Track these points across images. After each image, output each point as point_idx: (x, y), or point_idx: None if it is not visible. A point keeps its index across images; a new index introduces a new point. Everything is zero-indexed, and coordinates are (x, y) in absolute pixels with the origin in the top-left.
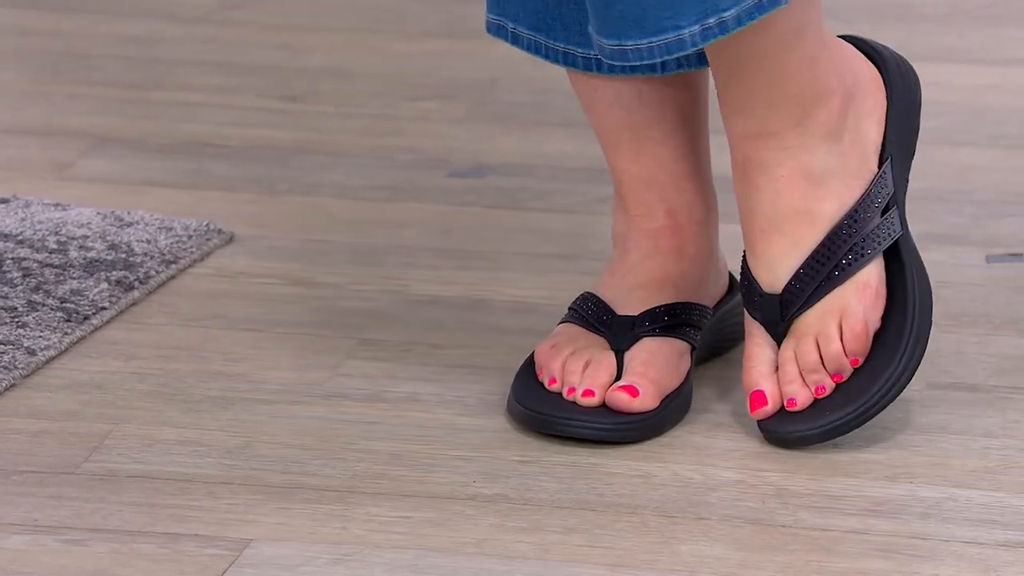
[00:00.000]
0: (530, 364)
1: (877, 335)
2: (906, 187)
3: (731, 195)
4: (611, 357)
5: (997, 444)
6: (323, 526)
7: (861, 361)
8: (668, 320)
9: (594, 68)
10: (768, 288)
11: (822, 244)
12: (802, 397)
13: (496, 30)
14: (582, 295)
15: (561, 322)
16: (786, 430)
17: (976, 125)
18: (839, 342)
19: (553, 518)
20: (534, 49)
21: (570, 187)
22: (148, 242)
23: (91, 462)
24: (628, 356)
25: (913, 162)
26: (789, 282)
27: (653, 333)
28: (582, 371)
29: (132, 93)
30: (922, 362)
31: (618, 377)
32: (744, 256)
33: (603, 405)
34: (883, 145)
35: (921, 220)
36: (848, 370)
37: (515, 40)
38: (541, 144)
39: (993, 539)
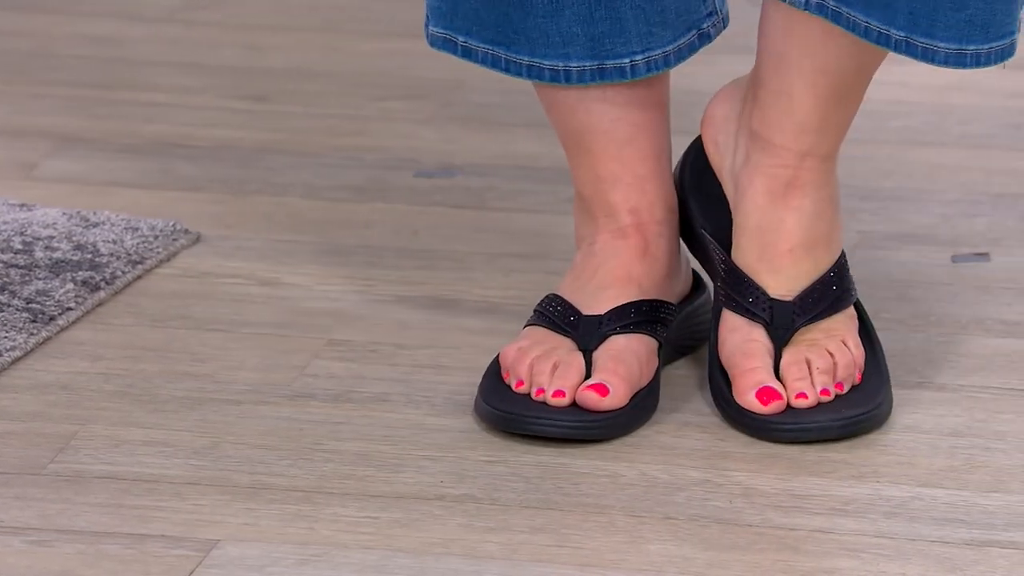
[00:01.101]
0: (496, 366)
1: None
2: None
3: None
4: (579, 357)
5: (963, 443)
6: (290, 526)
7: (864, 376)
8: (635, 318)
9: (562, 79)
10: (775, 294)
11: (834, 269)
12: (811, 395)
13: (442, 43)
14: (547, 297)
15: (527, 325)
16: (805, 422)
17: (943, 125)
18: (850, 356)
19: (521, 518)
20: (491, 63)
21: (537, 187)
22: (114, 242)
23: (57, 463)
24: (596, 355)
25: (880, 162)
26: (806, 292)
27: (620, 331)
28: (551, 372)
29: (97, 93)
30: (888, 361)
31: (587, 377)
32: (728, 261)
33: (573, 405)
34: None
35: (888, 220)
36: (852, 383)
37: (466, 54)
38: (508, 144)
39: (959, 538)
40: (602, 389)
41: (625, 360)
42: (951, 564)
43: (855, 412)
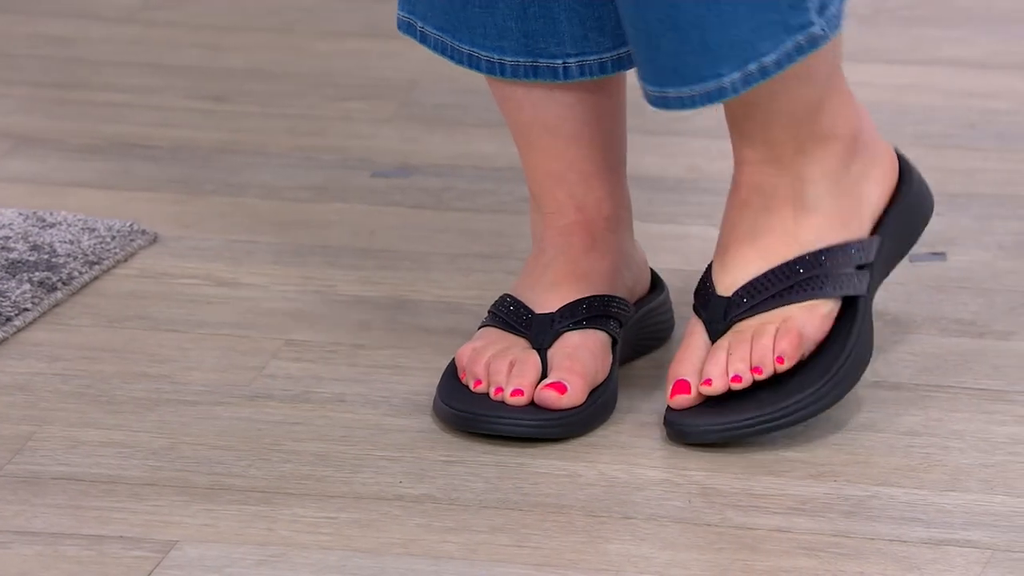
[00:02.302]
0: (454, 367)
1: (805, 362)
2: (883, 277)
3: (660, 195)
4: (535, 356)
5: (920, 442)
6: (249, 527)
7: (786, 364)
8: (586, 313)
9: (497, 72)
10: (722, 292)
11: (786, 263)
12: (718, 382)
13: (406, 28)
14: (500, 297)
15: (481, 325)
16: (688, 423)
17: (899, 124)
18: (771, 339)
19: (480, 518)
20: (440, 49)
21: (495, 187)
22: (71, 243)
23: (14, 464)
24: (551, 353)
25: None
26: (740, 288)
27: (573, 328)
28: (508, 372)
29: (55, 93)
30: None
31: (544, 375)
32: (711, 263)
33: (532, 403)
34: (880, 222)
35: None
36: (769, 367)
37: (423, 39)
38: (466, 144)
39: (916, 536)
40: (560, 387)
41: (580, 357)
42: (909, 563)
43: (736, 419)
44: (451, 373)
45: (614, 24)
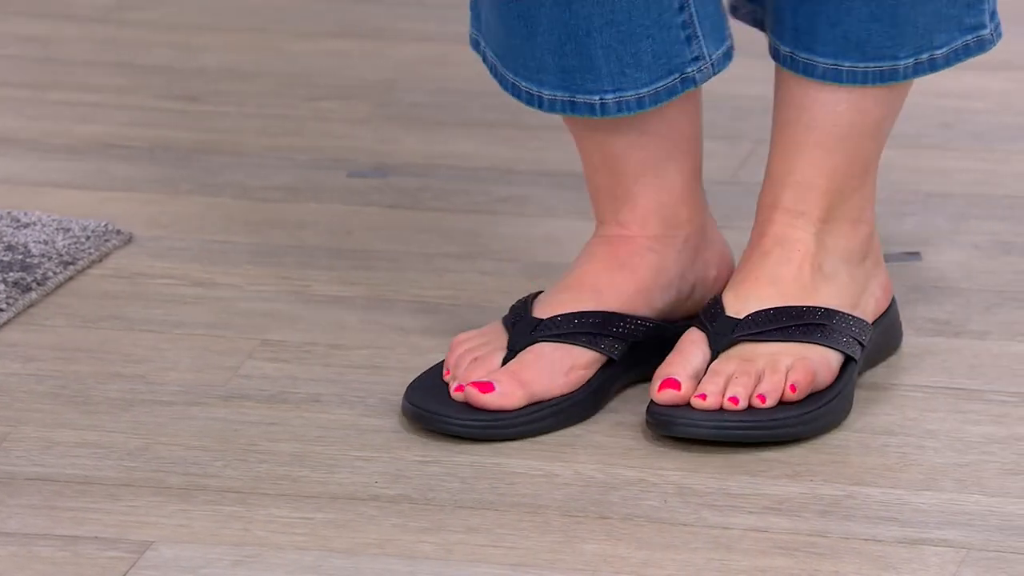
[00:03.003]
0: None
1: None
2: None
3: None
4: (498, 357)
5: (896, 441)
6: (224, 527)
7: (798, 393)
8: (569, 328)
9: (535, 104)
10: (732, 314)
11: (801, 306)
12: (712, 399)
13: (475, 45)
14: (526, 296)
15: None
16: (676, 414)
17: None
18: (783, 376)
19: (456, 518)
20: (492, 72)
21: (471, 187)
22: (46, 243)
23: None
24: (516, 357)
25: None
26: (756, 311)
27: (551, 339)
28: (466, 366)
29: (29, 93)
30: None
31: None
32: (721, 293)
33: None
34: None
35: None
36: (776, 397)
37: (484, 59)
38: (442, 144)
39: (892, 536)
40: (485, 386)
41: (535, 366)
42: (884, 562)
43: (728, 419)
44: (440, 364)
45: (650, 59)
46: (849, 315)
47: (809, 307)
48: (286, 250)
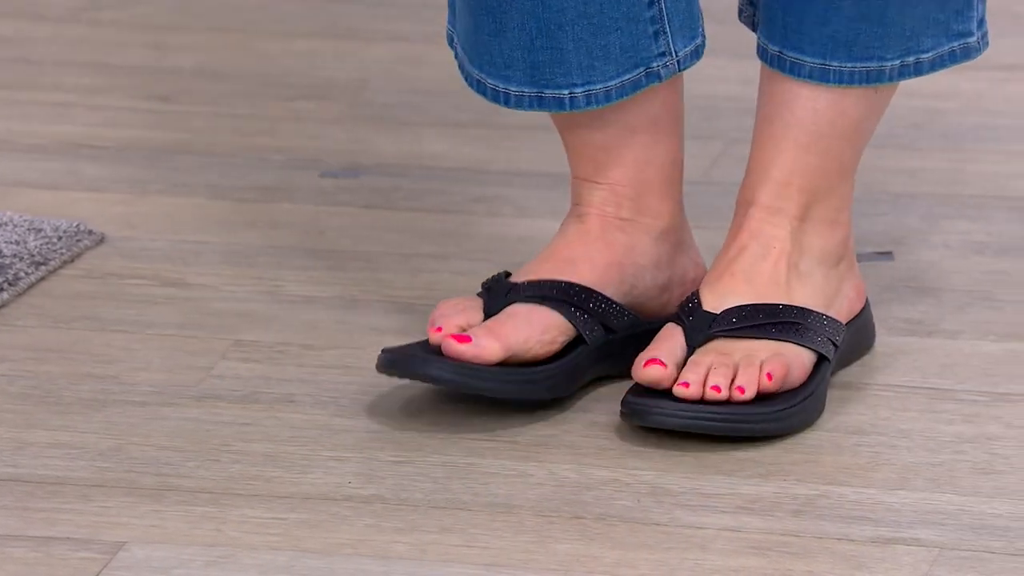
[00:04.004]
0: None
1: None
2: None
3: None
4: (479, 314)
5: (868, 441)
6: (197, 528)
7: (772, 384)
8: (544, 292)
9: (501, 101)
10: (709, 309)
11: (776, 304)
12: (695, 388)
13: (450, 41)
14: (497, 272)
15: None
16: (651, 404)
17: None
18: (758, 369)
19: (429, 518)
20: (460, 69)
21: (444, 187)
22: (17, 243)
23: None
24: (492, 317)
25: None
26: (732, 307)
27: (525, 301)
28: (447, 314)
29: (1, 93)
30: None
31: None
32: (698, 288)
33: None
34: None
35: None
36: (754, 389)
37: (456, 56)
38: (415, 144)
39: (864, 535)
40: (462, 338)
41: (509, 323)
42: (857, 562)
43: (702, 411)
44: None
45: (618, 52)
46: (823, 315)
47: (785, 306)
48: (259, 250)
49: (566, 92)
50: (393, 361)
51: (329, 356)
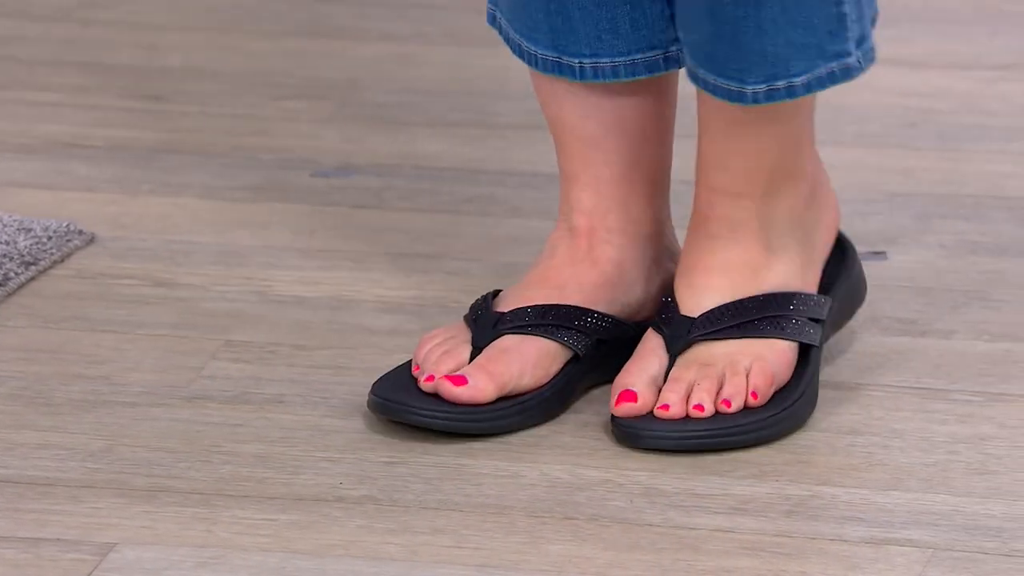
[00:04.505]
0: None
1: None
2: (826, 340)
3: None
4: (466, 350)
5: (861, 441)
6: (188, 529)
7: (759, 400)
8: (532, 320)
9: (532, 64)
10: (687, 312)
11: (755, 298)
12: (676, 408)
13: (491, 20)
14: (491, 291)
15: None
16: (641, 427)
17: (837, 124)
18: (744, 378)
19: (421, 519)
20: (505, 37)
21: (436, 187)
22: (7, 243)
23: None
24: (482, 351)
25: None
26: (711, 309)
27: (515, 331)
28: (435, 359)
29: None
30: None
31: None
32: (672, 286)
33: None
34: (831, 286)
35: None
36: (740, 400)
37: (500, 29)
38: (407, 144)
39: (858, 536)
40: (458, 380)
41: (504, 359)
42: (850, 562)
43: (695, 429)
44: (408, 363)
45: (628, 29)
46: (803, 295)
47: (763, 299)
48: (250, 250)
49: (576, 61)
50: (385, 407)
51: (320, 356)
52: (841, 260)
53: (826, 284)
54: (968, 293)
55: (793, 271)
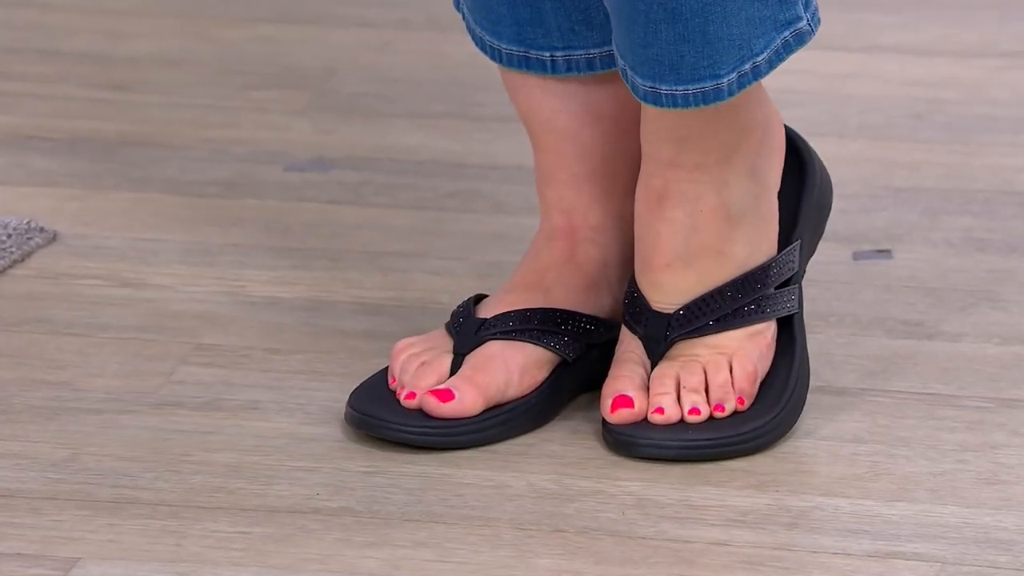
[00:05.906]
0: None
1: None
2: (804, 273)
3: None
4: (446, 360)
5: (866, 450)
6: (156, 543)
7: (747, 403)
8: (517, 325)
9: (496, 59)
10: (657, 307)
11: (730, 285)
12: (671, 411)
13: (456, 5)
14: (466, 299)
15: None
16: (639, 435)
17: (840, 115)
18: (728, 374)
19: (402, 532)
20: (467, 29)
21: (417, 181)
22: None
23: None
24: (465, 360)
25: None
26: (686, 305)
27: (499, 337)
28: (414, 372)
29: None
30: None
31: None
32: (633, 275)
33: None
34: (796, 223)
35: None
36: (731, 405)
37: (464, 18)
38: (385, 136)
39: (862, 549)
40: (444, 395)
41: (489, 369)
42: None
43: (696, 438)
44: (384, 371)
45: (603, 19)
46: (771, 264)
47: (739, 282)
48: (221, 248)
49: (547, 55)
50: (364, 422)
51: (295, 361)
52: (797, 168)
53: (787, 200)
54: (977, 293)
55: (756, 233)
